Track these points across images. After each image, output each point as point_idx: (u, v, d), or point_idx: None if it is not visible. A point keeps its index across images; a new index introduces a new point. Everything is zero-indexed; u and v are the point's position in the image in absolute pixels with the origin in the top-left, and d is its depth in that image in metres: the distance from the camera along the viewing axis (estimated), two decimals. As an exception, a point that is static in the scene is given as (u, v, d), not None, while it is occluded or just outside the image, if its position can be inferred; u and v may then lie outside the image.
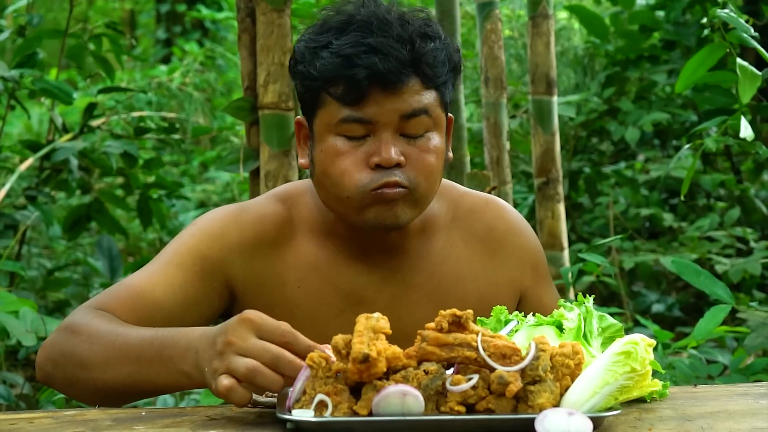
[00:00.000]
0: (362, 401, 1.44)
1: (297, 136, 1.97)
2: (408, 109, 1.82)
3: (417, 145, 1.85)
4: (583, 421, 1.39)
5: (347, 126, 1.83)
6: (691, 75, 2.81)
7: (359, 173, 1.82)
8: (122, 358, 1.68)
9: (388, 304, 1.93)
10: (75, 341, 1.75)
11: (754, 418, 1.56)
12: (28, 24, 4.23)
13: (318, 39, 1.87)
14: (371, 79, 1.79)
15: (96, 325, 1.76)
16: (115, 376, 1.68)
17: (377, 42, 1.80)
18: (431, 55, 1.84)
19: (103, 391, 1.72)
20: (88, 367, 1.71)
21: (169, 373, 1.63)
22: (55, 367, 1.77)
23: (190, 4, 11.32)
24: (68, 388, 1.78)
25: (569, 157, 5.86)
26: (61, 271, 5.72)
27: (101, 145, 4.51)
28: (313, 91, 1.86)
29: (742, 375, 3.11)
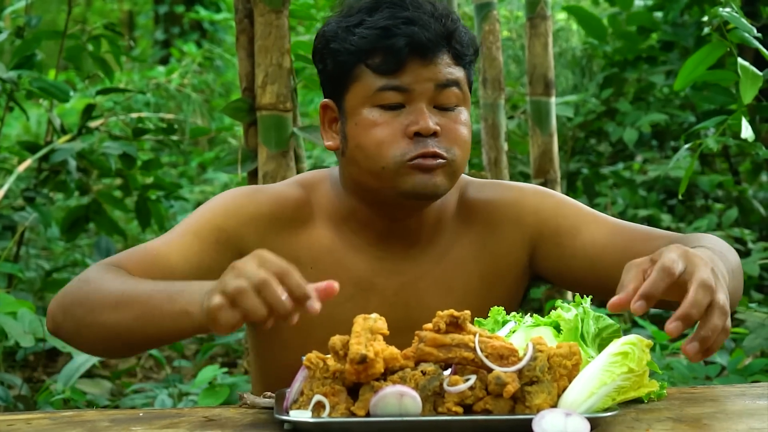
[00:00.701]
0: (360, 402, 1.44)
1: (321, 119, 2.00)
2: (442, 79, 1.88)
3: (449, 117, 1.90)
4: (581, 422, 1.39)
5: (384, 95, 1.87)
6: (690, 73, 2.80)
7: (397, 143, 1.86)
8: (131, 302, 1.70)
9: (397, 291, 1.97)
10: (86, 288, 1.77)
11: (752, 418, 1.56)
12: (27, 25, 4.23)
13: (349, 19, 1.92)
14: (410, 48, 1.85)
15: (109, 276, 1.79)
16: (120, 319, 1.70)
17: (413, 15, 1.87)
18: (460, 34, 1.92)
19: (108, 337, 1.73)
20: (96, 310, 1.73)
21: (172, 314, 1.63)
22: (64, 314, 1.78)
23: (189, 6, 11.32)
24: (75, 336, 1.79)
25: (567, 158, 5.86)
26: (60, 272, 5.71)
27: (99, 146, 4.51)
28: (346, 67, 1.90)
29: (740, 376, 3.11)
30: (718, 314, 1.49)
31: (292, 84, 3.30)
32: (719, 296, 1.50)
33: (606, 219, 2.00)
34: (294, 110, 3.30)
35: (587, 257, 1.97)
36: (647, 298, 1.48)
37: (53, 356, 4.84)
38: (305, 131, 3.30)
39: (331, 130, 1.99)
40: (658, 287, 1.49)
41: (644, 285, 1.49)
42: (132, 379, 4.70)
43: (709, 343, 1.49)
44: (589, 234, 1.98)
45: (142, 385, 4.20)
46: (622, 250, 1.91)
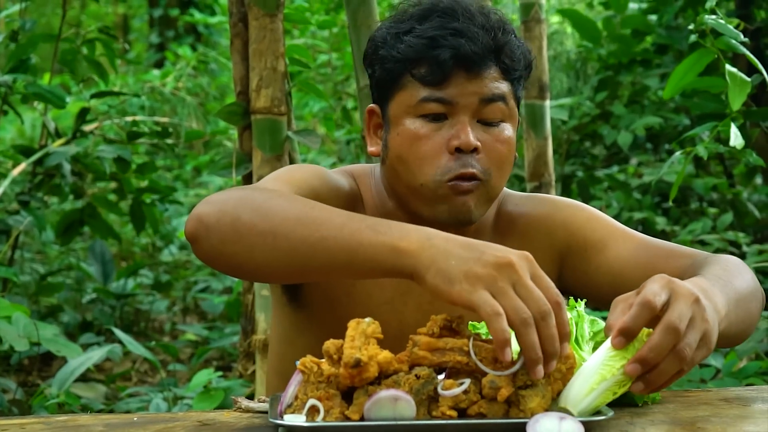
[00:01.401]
0: (354, 406, 1.44)
1: (367, 124, 1.99)
2: (488, 93, 1.85)
3: (492, 134, 1.87)
4: (575, 425, 1.39)
5: (427, 105, 1.85)
6: (679, 81, 2.81)
7: (438, 159, 1.84)
8: (321, 221, 1.56)
9: (431, 299, 1.93)
10: (260, 196, 1.64)
11: (746, 421, 1.56)
12: (21, 29, 4.23)
13: (399, 26, 1.90)
14: (456, 60, 1.83)
15: (281, 192, 1.67)
16: (306, 236, 1.56)
17: (462, 26, 1.84)
18: (510, 47, 1.89)
19: (281, 250, 1.58)
20: (274, 220, 1.58)
21: (374, 245, 1.50)
22: (222, 216, 1.62)
23: (183, 9, 11.32)
24: (230, 242, 1.61)
25: (562, 161, 5.86)
26: (54, 276, 5.72)
27: (94, 150, 4.51)
28: (393, 74, 1.89)
29: (735, 379, 3.12)
30: (674, 360, 1.47)
31: (287, 88, 3.30)
32: (686, 341, 1.47)
33: (634, 235, 1.98)
34: (288, 114, 3.31)
35: (611, 272, 1.95)
36: (626, 335, 1.48)
37: (48, 360, 4.84)
38: (300, 135, 3.30)
39: (376, 135, 1.98)
40: (638, 323, 1.48)
41: (624, 320, 1.48)
42: (127, 383, 4.70)
43: (654, 385, 1.49)
44: (615, 249, 1.96)
45: (136, 389, 4.19)
46: (644, 266, 1.89)
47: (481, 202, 1.87)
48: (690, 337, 1.48)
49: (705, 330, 1.51)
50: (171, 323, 5.91)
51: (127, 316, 5.72)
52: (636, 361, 1.47)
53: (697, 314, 1.50)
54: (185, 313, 6.20)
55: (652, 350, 1.46)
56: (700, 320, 1.50)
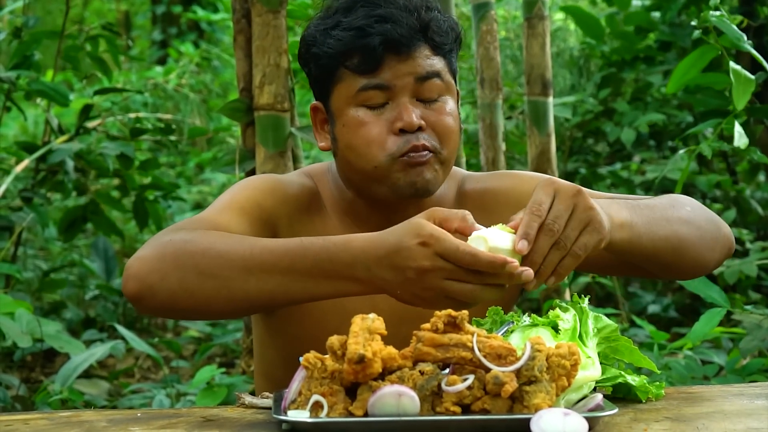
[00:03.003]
0: (358, 402, 1.44)
1: (313, 121, 2.03)
2: (422, 71, 1.90)
3: (434, 109, 1.92)
4: (579, 421, 1.39)
5: (366, 94, 1.90)
6: (682, 77, 2.81)
7: (385, 141, 1.89)
8: (268, 268, 1.64)
9: None
10: (195, 252, 1.67)
11: (750, 418, 1.56)
12: (24, 26, 4.23)
13: (326, 21, 1.95)
14: (386, 46, 1.87)
15: (214, 235, 1.71)
16: (261, 286, 1.64)
17: (386, 12, 1.89)
18: (437, 23, 1.93)
19: (239, 301, 1.66)
20: (221, 276, 1.65)
21: (334, 283, 1.63)
22: (164, 277, 1.66)
23: (186, 6, 11.31)
24: (182, 299, 1.67)
25: (565, 158, 5.86)
26: (57, 272, 5.71)
27: (97, 147, 4.51)
28: (328, 70, 1.93)
29: (738, 376, 3.11)
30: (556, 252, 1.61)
31: (290, 84, 3.30)
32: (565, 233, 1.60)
33: (600, 194, 2.02)
34: (291, 110, 3.30)
35: None
36: (527, 238, 1.59)
37: (51, 357, 4.84)
38: (303, 131, 3.30)
39: (323, 131, 2.02)
40: (532, 228, 1.59)
41: (519, 228, 1.60)
42: (130, 380, 4.70)
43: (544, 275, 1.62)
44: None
45: (140, 386, 4.20)
46: None
47: (437, 170, 1.91)
48: (569, 229, 1.60)
49: (590, 217, 1.62)
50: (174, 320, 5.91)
51: (129, 313, 5.72)
52: (526, 264, 1.58)
53: (579, 204, 1.62)
54: (188, 310, 6.18)
55: (535, 252, 1.59)
56: (581, 210, 1.62)
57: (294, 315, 1.98)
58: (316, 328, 1.89)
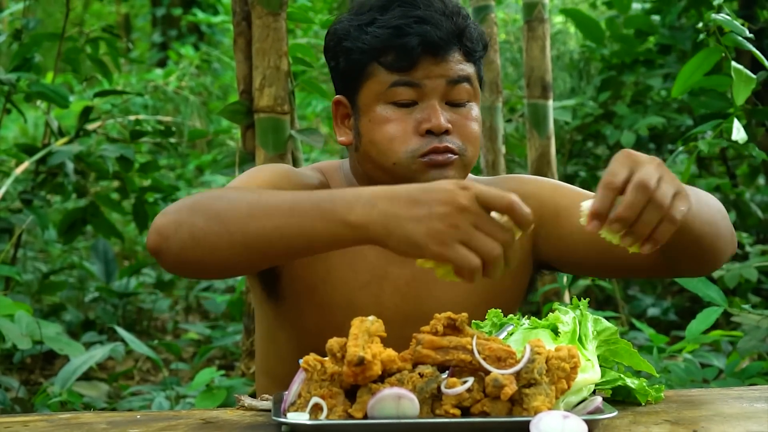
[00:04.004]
0: (357, 404, 1.44)
1: (334, 115, 2.03)
2: (454, 75, 1.92)
3: (461, 113, 1.94)
4: (578, 424, 1.39)
5: (397, 91, 1.91)
6: (687, 79, 2.81)
7: (409, 139, 1.90)
8: (270, 211, 1.62)
9: (408, 281, 1.98)
10: (209, 201, 1.68)
11: (749, 421, 1.56)
12: (25, 28, 4.23)
13: (360, 17, 1.95)
14: (423, 46, 1.89)
15: (228, 191, 1.72)
16: (259, 228, 1.61)
17: (425, 14, 1.91)
18: (470, 30, 1.95)
19: (238, 245, 1.63)
20: (226, 220, 1.64)
21: (327, 224, 1.55)
22: (178, 227, 1.67)
23: (186, 8, 11.32)
24: (190, 248, 1.66)
25: (565, 161, 5.86)
26: (57, 274, 5.72)
27: (97, 149, 4.51)
28: (359, 65, 1.94)
29: (738, 379, 3.11)
30: (653, 210, 1.52)
31: (290, 87, 3.30)
32: (660, 191, 1.52)
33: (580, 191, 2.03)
34: (291, 113, 3.31)
35: (584, 232, 1.97)
36: (598, 217, 1.52)
37: (50, 359, 4.84)
38: (303, 134, 3.30)
39: (344, 125, 2.02)
40: (605, 204, 1.52)
41: (593, 205, 1.53)
42: (129, 382, 4.70)
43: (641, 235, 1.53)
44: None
45: (139, 388, 4.20)
46: None
47: (458, 173, 1.91)
48: (664, 187, 1.53)
49: (677, 186, 1.56)
50: (173, 322, 5.92)
51: (129, 315, 5.73)
52: (615, 220, 1.51)
53: (665, 174, 1.55)
54: (187, 312, 6.20)
55: (627, 208, 1.51)
56: (669, 177, 1.55)
57: (301, 306, 1.98)
58: (322, 322, 1.89)
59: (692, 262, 1.92)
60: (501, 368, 1.45)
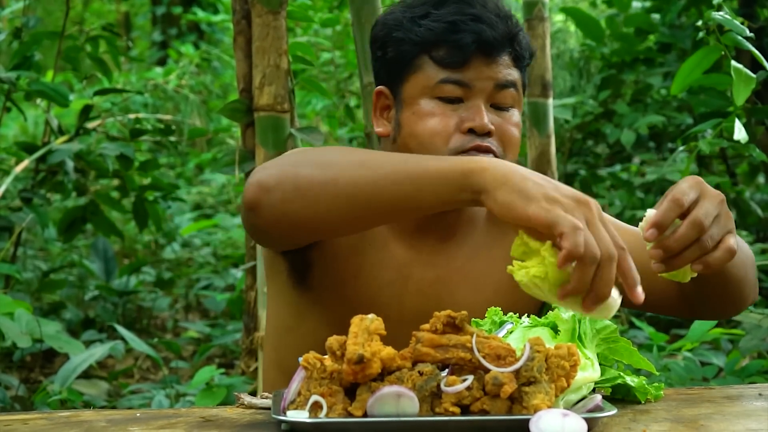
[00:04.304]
0: (357, 402, 1.44)
1: (374, 105, 2.02)
2: (502, 79, 1.92)
3: (504, 117, 1.94)
4: (578, 422, 1.39)
5: (445, 87, 1.91)
6: (686, 77, 2.81)
7: (451, 136, 1.89)
8: (382, 160, 1.60)
9: (432, 283, 1.97)
10: (315, 153, 1.67)
11: (749, 419, 1.56)
12: (25, 26, 4.23)
13: (414, 10, 1.95)
14: (477, 45, 1.89)
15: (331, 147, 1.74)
16: (369, 176, 1.59)
17: (480, 13, 1.91)
18: (521, 37, 1.96)
19: (344, 196, 1.61)
20: (336, 168, 1.62)
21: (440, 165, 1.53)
22: (282, 177, 1.65)
23: (186, 7, 11.32)
24: (291, 200, 1.65)
25: (565, 159, 5.86)
26: (57, 273, 5.72)
27: (97, 147, 4.51)
28: (408, 56, 1.93)
29: (737, 377, 3.12)
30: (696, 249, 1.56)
31: (290, 85, 3.30)
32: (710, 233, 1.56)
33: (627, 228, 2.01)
34: (291, 111, 3.31)
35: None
36: (658, 227, 1.55)
37: (50, 357, 4.85)
38: (303, 132, 3.30)
39: (383, 117, 2.01)
40: (668, 217, 1.55)
41: (655, 214, 1.56)
42: (129, 380, 4.70)
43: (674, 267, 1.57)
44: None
45: (139, 386, 4.20)
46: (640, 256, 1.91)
47: None
48: (714, 230, 1.57)
49: (729, 229, 1.59)
50: (173, 320, 5.92)
51: (129, 314, 5.73)
52: (659, 246, 1.55)
53: (722, 213, 1.59)
54: (187, 311, 6.20)
55: (676, 240, 1.55)
56: (725, 219, 1.59)
57: (328, 299, 1.96)
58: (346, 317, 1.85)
59: (715, 305, 1.93)
60: (501, 366, 1.45)
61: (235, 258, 6.42)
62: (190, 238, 7.01)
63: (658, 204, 1.60)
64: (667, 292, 1.91)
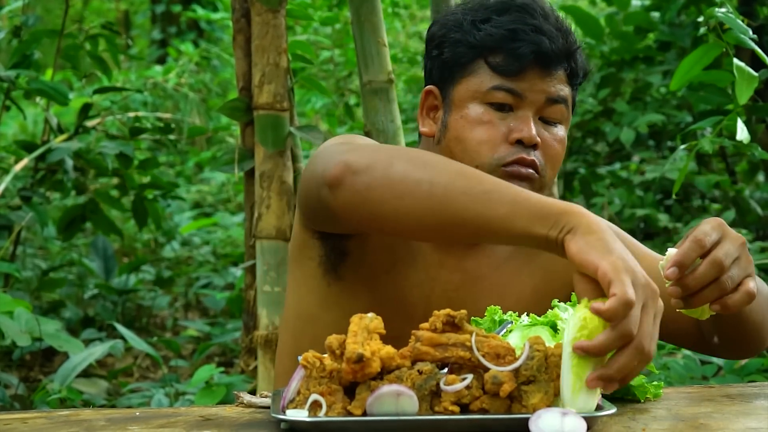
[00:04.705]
0: (356, 401, 1.44)
1: (421, 104, 2.01)
2: (554, 93, 1.92)
3: (551, 132, 1.93)
4: (577, 421, 1.39)
5: (497, 94, 1.90)
6: (686, 73, 2.81)
7: (497, 146, 1.88)
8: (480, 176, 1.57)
9: (458, 287, 1.97)
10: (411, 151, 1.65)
11: (748, 418, 1.56)
12: (24, 24, 4.23)
13: (475, 13, 1.94)
14: (535, 56, 1.88)
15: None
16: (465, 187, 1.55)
17: (541, 24, 1.90)
18: (578, 54, 1.96)
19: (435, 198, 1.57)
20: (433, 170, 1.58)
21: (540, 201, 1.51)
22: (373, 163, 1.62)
23: (186, 5, 11.32)
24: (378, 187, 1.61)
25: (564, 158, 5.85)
26: (56, 271, 5.72)
27: (96, 146, 4.51)
28: (464, 58, 1.92)
29: (737, 376, 3.12)
30: (715, 289, 1.57)
31: (289, 83, 3.30)
32: (729, 274, 1.57)
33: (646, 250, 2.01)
34: (291, 110, 3.31)
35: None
36: (679, 265, 1.56)
37: (50, 356, 4.85)
38: (302, 131, 3.30)
39: (429, 117, 2.00)
40: (689, 256, 1.56)
41: (676, 253, 1.56)
42: (128, 379, 4.70)
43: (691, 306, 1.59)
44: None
45: (138, 385, 4.20)
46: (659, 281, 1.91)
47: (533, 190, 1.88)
48: (734, 272, 1.58)
49: (749, 273, 1.61)
50: (173, 319, 5.92)
51: (128, 312, 5.73)
52: (680, 284, 1.57)
53: (743, 256, 1.60)
54: (187, 309, 6.20)
55: (695, 279, 1.56)
56: (745, 261, 1.61)
57: (358, 292, 1.94)
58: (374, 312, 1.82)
59: (732, 347, 1.93)
60: (500, 365, 1.45)
61: (235, 256, 6.42)
62: (189, 236, 7.02)
63: (679, 243, 1.61)
64: (685, 328, 1.91)
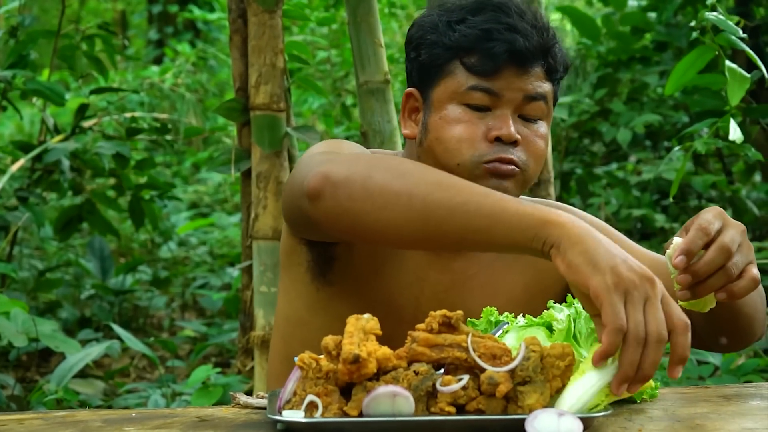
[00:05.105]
0: (352, 402, 1.44)
1: (403, 107, 2.02)
2: (532, 91, 1.92)
3: (531, 129, 1.93)
4: (573, 422, 1.39)
5: (474, 94, 1.90)
6: (680, 77, 2.81)
7: (477, 143, 1.89)
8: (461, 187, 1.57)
9: (447, 288, 1.98)
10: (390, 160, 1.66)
11: (744, 418, 1.56)
12: (20, 25, 4.23)
13: (450, 14, 1.94)
14: (509, 54, 1.88)
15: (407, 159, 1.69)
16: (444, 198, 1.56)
17: (516, 23, 1.90)
18: (556, 50, 1.95)
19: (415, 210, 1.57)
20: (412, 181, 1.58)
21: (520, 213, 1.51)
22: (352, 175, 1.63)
23: (182, 5, 11.32)
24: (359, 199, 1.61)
25: (561, 158, 5.86)
26: (53, 272, 5.71)
27: (93, 146, 4.51)
28: (440, 60, 1.93)
29: (733, 376, 3.12)
30: (721, 276, 1.61)
31: (286, 84, 3.30)
32: (734, 260, 1.61)
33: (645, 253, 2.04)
34: (287, 110, 3.31)
35: None
36: (686, 253, 1.59)
37: (46, 356, 4.84)
38: (298, 131, 3.30)
39: (411, 119, 2.01)
40: (696, 244, 1.59)
41: (683, 241, 1.60)
42: (125, 380, 4.70)
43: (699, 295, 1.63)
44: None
45: (135, 385, 4.20)
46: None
47: (517, 187, 1.91)
48: (738, 259, 1.62)
49: (751, 259, 1.64)
50: (169, 319, 5.92)
51: (125, 313, 5.73)
52: (688, 272, 1.60)
53: (744, 243, 1.64)
54: (184, 310, 6.20)
55: (705, 264, 1.60)
56: (747, 248, 1.64)
57: (347, 296, 1.95)
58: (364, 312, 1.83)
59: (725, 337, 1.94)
60: (496, 366, 1.45)
61: (232, 257, 6.42)
62: (186, 237, 7.01)
63: (679, 233, 1.64)
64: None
